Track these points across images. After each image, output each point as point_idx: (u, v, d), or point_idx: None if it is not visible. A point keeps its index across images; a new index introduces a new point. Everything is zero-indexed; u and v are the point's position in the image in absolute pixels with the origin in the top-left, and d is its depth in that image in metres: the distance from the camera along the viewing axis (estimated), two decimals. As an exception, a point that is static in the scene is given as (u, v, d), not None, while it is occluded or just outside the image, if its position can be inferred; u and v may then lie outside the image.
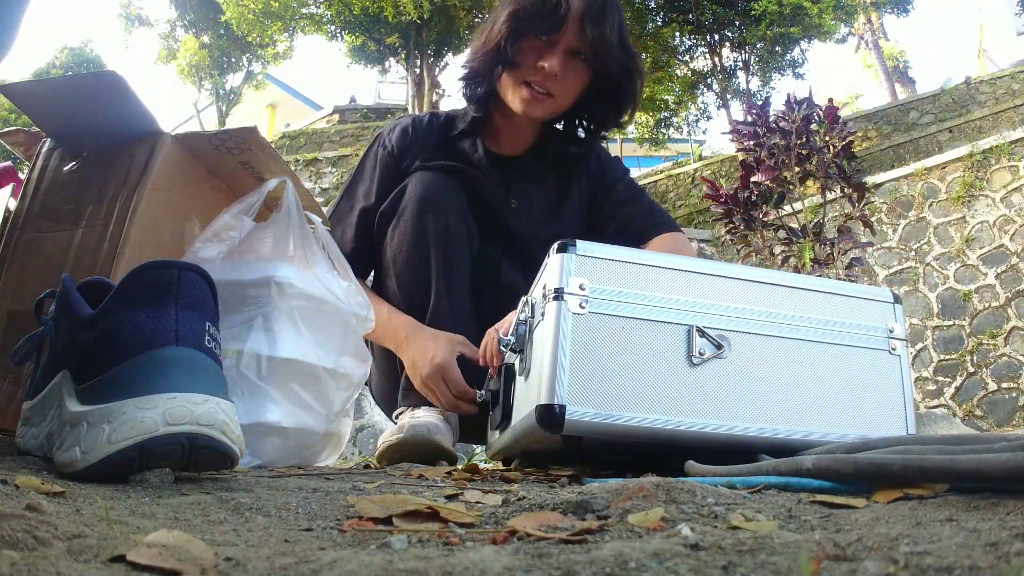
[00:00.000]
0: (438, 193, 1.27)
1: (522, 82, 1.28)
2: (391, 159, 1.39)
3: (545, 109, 1.31)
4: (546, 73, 1.25)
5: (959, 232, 5.79)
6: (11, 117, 13.08)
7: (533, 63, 1.26)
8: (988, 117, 8.28)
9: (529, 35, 1.26)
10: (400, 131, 1.42)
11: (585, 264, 0.82)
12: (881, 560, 0.30)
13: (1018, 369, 5.25)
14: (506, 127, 1.41)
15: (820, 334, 0.86)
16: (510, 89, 1.30)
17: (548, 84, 1.27)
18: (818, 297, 0.88)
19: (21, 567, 0.28)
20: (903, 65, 15.98)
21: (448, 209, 1.26)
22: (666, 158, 14.49)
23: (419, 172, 1.30)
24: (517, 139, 1.42)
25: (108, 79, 0.95)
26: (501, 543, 0.38)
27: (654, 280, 0.83)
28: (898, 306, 0.91)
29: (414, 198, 1.27)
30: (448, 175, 1.31)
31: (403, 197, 1.29)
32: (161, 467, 0.58)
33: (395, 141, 1.40)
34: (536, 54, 1.26)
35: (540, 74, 1.26)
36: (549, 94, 1.28)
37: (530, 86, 1.27)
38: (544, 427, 0.76)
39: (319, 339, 0.96)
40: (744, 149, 4.39)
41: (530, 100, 1.28)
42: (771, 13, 10.42)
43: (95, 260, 0.94)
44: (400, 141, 1.40)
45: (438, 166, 1.33)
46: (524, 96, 1.28)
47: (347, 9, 12.26)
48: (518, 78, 1.28)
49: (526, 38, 1.27)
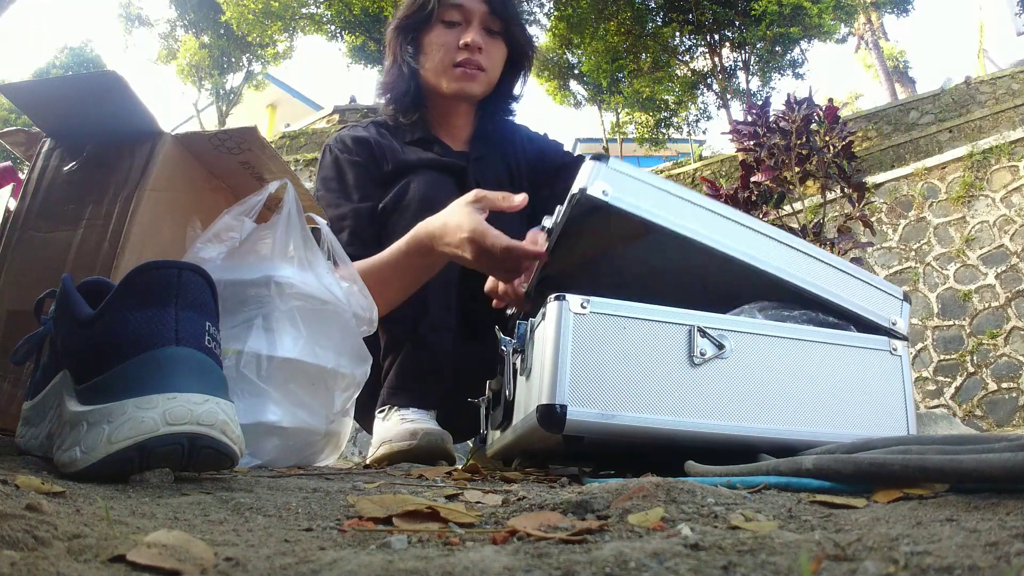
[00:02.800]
0: (438, 192, 1.27)
1: (451, 65, 1.34)
2: (363, 166, 1.36)
3: (481, 83, 1.38)
4: (471, 48, 1.33)
5: (959, 232, 5.79)
6: (11, 117, 13.09)
7: (452, 47, 1.34)
8: (988, 117, 8.28)
9: (438, 25, 1.34)
10: (357, 141, 1.39)
11: (613, 176, 0.84)
12: (881, 560, 0.30)
13: (1018, 369, 5.25)
14: (446, 122, 1.45)
15: (821, 334, 0.86)
16: (442, 78, 1.36)
17: (477, 58, 1.34)
18: (831, 272, 0.89)
19: (21, 567, 0.28)
20: (903, 65, 15.98)
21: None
22: (666, 158, 14.48)
23: (421, 172, 1.32)
24: (460, 131, 1.46)
25: (108, 79, 0.95)
26: (501, 543, 0.38)
27: (680, 211, 0.86)
28: (905, 304, 0.91)
29: (417, 197, 1.28)
30: (444, 174, 1.33)
31: (406, 195, 1.29)
32: (161, 467, 0.58)
33: (358, 150, 1.38)
34: (453, 38, 1.34)
35: (465, 52, 1.33)
36: (480, 68, 1.35)
37: (460, 66, 1.34)
38: (545, 427, 0.76)
39: (319, 339, 0.96)
40: (744, 149, 4.39)
41: (463, 77, 1.35)
42: (771, 13, 10.42)
43: (95, 260, 0.94)
44: (364, 150, 1.38)
45: (436, 164, 1.35)
46: (457, 75, 1.35)
47: (347, 9, 12.26)
48: (443, 64, 1.35)
49: (435, 31, 1.35)
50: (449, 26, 1.35)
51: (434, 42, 1.35)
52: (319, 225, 1.06)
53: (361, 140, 1.39)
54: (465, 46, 1.33)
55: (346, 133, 1.44)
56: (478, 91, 1.38)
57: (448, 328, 1.27)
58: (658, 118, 12.97)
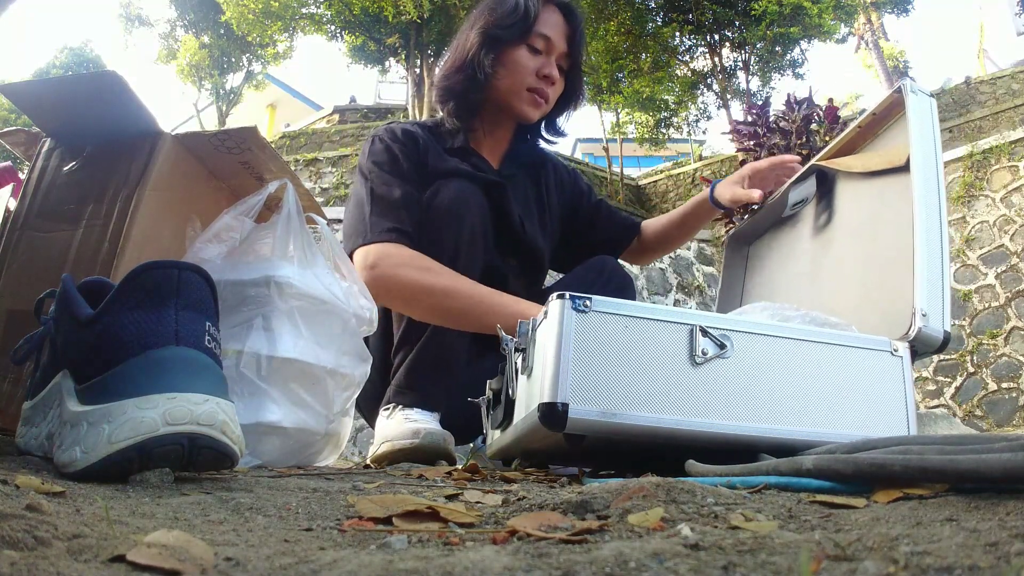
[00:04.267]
0: (466, 204, 1.28)
1: (525, 88, 1.41)
2: (411, 159, 1.37)
3: (541, 112, 1.46)
4: (548, 80, 1.43)
5: (959, 232, 5.79)
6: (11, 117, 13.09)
7: (532, 72, 1.41)
8: (988, 117, 8.28)
9: (523, 47, 1.42)
10: (407, 135, 1.41)
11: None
12: (881, 560, 0.30)
13: (1018, 369, 5.25)
14: (490, 136, 1.50)
15: (823, 334, 0.86)
16: (514, 97, 1.43)
17: (548, 90, 1.44)
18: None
19: (21, 567, 0.28)
20: (903, 65, 15.97)
21: (474, 218, 1.28)
22: (666, 158, 14.49)
23: (452, 179, 1.32)
24: (496, 146, 1.51)
25: (108, 79, 0.95)
26: (501, 543, 0.38)
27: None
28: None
29: (445, 203, 1.27)
30: (474, 183, 1.33)
31: (436, 199, 1.28)
32: (161, 467, 0.58)
33: (407, 142, 1.39)
34: (535, 64, 1.42)
35: (542, 83, 1.42)
36: (547, 99, 1.45)
37: (532, 92, 1.42)
38: (547, 425, 0.76)
39: (319, 339, 0.96)
40: (744, 149, 4.39)
41: (532, 103, 1.43)
42: (771, 13, 10.42)
43: (95, 260, 0.94)
44: (413, 144, 1.39)
45: (469, 174, 1.36)
46: (528, 99, 1.43)
47: (347, 9, 12.26)
48: (519, 85, 1.42)
49: (521, 51, 1.42)
50: (533, 52, 1.42)
51: (518, 62, 1.41)
52: (319, 225, 1.06)
53: (410, 133, 1.42)
54: (544, 77, 1.42)
55: (396, 126, 1.46)
56: (535, 118, 1.46)
57: (463, 332, 1.27)
58: (658, 118, 12.97)
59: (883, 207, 1.12)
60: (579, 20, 1.47)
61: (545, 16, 1.43)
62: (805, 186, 1.35)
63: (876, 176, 1.16)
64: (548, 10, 1.44)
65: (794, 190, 1.38)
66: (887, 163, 1.12)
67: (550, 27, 1.43)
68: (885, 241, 1.10)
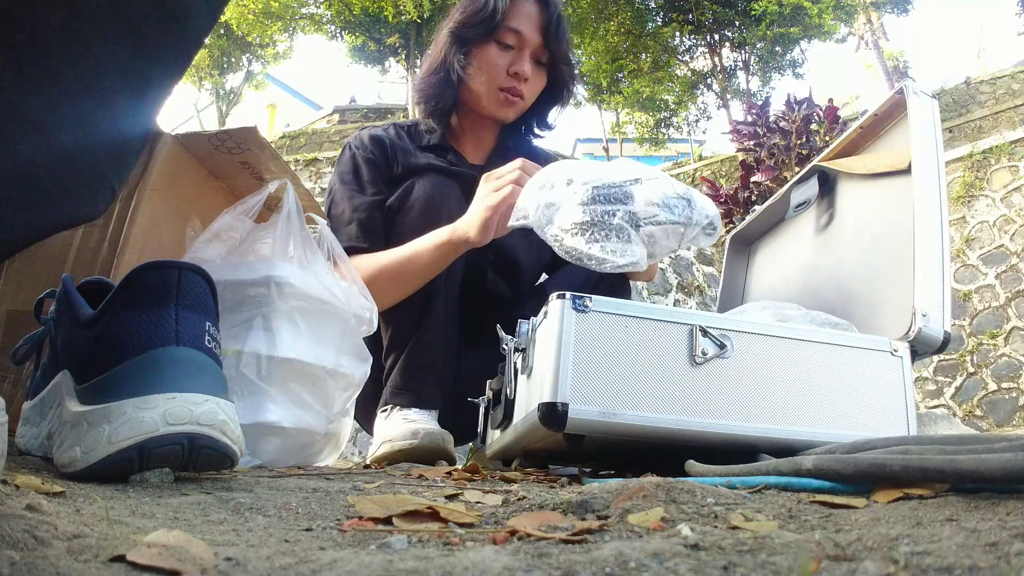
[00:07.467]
0: (443, 197, 1.28)
1: (497, 88, 1.39)
2: (376, 164, 1.39)
3: (516, 110, 1.44)
4: (519, 77, 1.39)
5: (959, 232, 5.79)
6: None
7: (503, 69, 1.38)
8: (988, 117, 8.28)
9: (492, 44, 1.38)
10: (373, 140, 1.42)
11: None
12: (881, 560, 0.30)
13: (1018, 369, 5.25)
14: (471, 134, 1.49)
15: (823, 334, 0.86)
16: (484, 97, 1.41)
17: (521, 88, 1.40)
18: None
19: (21, 567, 0.28)
20: (903, 65, 15.97)
21: (452, 213, 1.27)
22: (666, 158, 14.48)
23: (427, 174, 1.33)
24: (480, 145, 1.50)
25: (108, 79, 0.95)
26: (501, 543, 0.38)
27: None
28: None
29: (421, 198, 1.29)
30: (452, 179, 1.33)
31: (411, 195, 1.30)
32: (161, 467, 0.58)
33: (373, 148, 1.40)
34: (505, 61, 1.38)
35: (513, 80, 1.39)
36: (521, 96, 1.41)
37: (504, 91, 1.39)
38: (547, 425, 0.76)
39: (319, 339, 0.96)
40: (744, 149, 4.40)
41: (505, 102, 1.40)
42: (771, 13, 10.42)
43: (95, 260, 0.94)
44: (379, 149, 1.40)
45: (443, 169, 1.35)
46: (500, 99, 1.39)
47: (347, 9, 12.26)
48: (490, 84, 1.39)
49: (490, 49, 1.39)
50: (503, 48, 1.39)
51: (486, 60, 1.39)
52: (319, 225, 1.06)
53: (377, 139, 1.42)
54: (515, 74, 1.38)
55: (365, 132, 1.46)
56: (512, 117, 1.44)
57: (451, 328, 1.28)
58: (658, 118, 12.97)
59: (884, 208, 1.12)
60: (555, 8, 1.40)
61: (516, 9, 1.38)
62: (808, 187, 1.35)
63: (877, 178, 1.16)
64: (520, 2, 1.39)
65: (797, 191, 1.38)
66: (889, 165, 1.13)
67: (522, 20, 1.38)
68: (885, 242, 1.10)
